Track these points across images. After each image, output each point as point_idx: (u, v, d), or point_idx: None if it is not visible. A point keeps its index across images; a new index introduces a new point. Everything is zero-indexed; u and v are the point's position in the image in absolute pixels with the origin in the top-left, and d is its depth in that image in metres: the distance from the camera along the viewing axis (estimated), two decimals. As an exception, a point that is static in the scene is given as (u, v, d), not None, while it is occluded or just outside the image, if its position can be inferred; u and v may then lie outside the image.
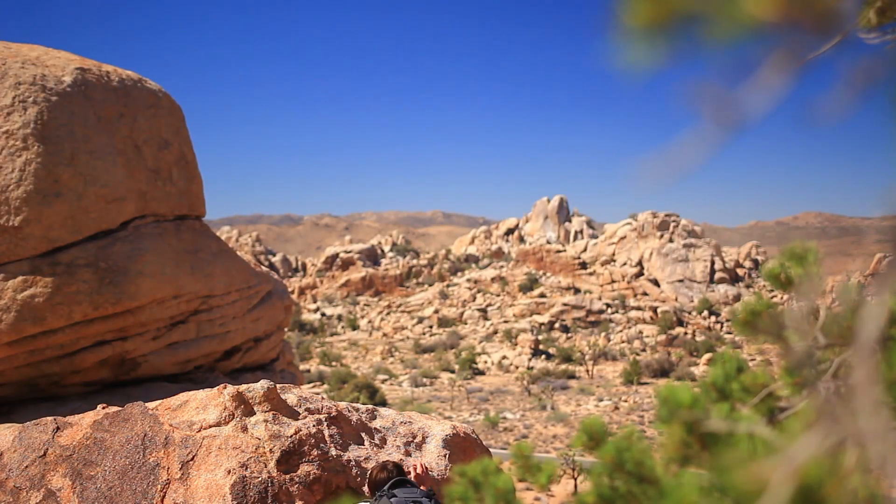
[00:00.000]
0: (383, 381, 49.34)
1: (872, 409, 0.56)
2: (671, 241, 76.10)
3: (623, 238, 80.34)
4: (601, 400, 42.52)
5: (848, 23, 0.57)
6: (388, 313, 78.10)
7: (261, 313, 12.76)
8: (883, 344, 0.82)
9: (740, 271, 77.59)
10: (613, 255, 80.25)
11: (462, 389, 45.34)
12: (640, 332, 63.61)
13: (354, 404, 4.25)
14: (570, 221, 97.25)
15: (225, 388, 3.83)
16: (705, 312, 67.17)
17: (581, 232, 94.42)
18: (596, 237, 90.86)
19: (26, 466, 3.49)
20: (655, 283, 74.55)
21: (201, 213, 12.12)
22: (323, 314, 79.41)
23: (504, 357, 57.63)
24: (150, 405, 3.81)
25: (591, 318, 67.51)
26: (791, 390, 1.08)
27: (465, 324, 71.43)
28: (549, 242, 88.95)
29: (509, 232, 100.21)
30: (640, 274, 76.02)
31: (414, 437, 4.13)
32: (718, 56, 0.54)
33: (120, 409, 3.76)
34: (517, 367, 54.52)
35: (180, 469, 3.40)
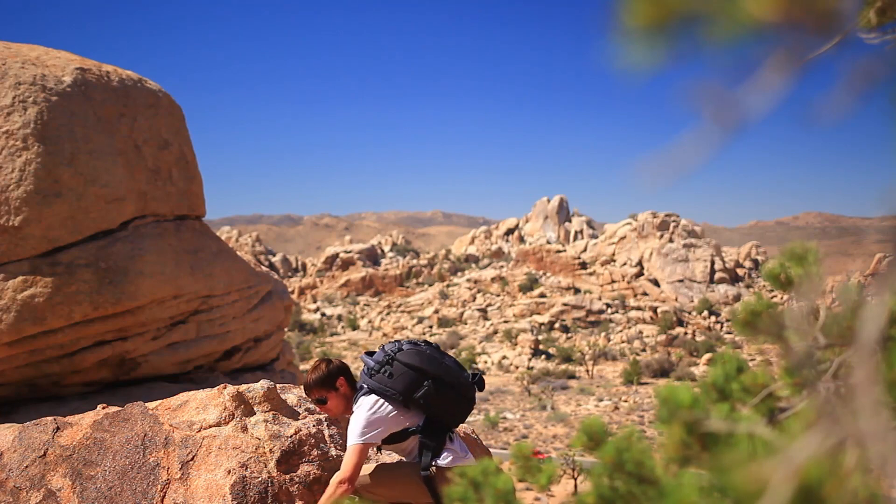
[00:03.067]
0: (383, 381, 49.34)
1: (872, 409, 0.56)
2: (671, 241, 76.12)
3: (623, 238, 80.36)
4: (601, 400, 42.53)
5: (848, 23, 0.57)
6: (388, 313, 78.12)
7: (261, 313, 12.76)
8: (883, 344, 0.82)
9: (740, 271, 77.61)
10: (613, 255, 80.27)
11: (462, 389, 45.28)
12: (640, 332, 63.63)
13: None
14: (570, 221, 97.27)
15: (225, 388, 3.83)
16: (705, 312, 67.19)
17: (581, 232, 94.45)
18: (596, 237, 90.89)
19: (26, 466, 3.49)
20: (655, 283, 74.57)
21: (201, 213, 12.12)
22: (323, 314, 79.42)
23: (504, 357, 57.64)
24: (150, 405, 3.81)
25: (591, 318, 67.52)
26: (791, 390, 1.08)
27: (465, 324, 71.44)
28: (549, 242, 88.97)
29: (509, 232, 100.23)
30: (640, 274, 76.04)
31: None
32: (719, 56, 0.54)
33: (120, 409, 3.76)
34: (517, 367, 54.53)
35: (180, 469, 3.40)
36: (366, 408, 3.08)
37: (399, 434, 3.14)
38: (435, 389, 3.14)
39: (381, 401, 3.11)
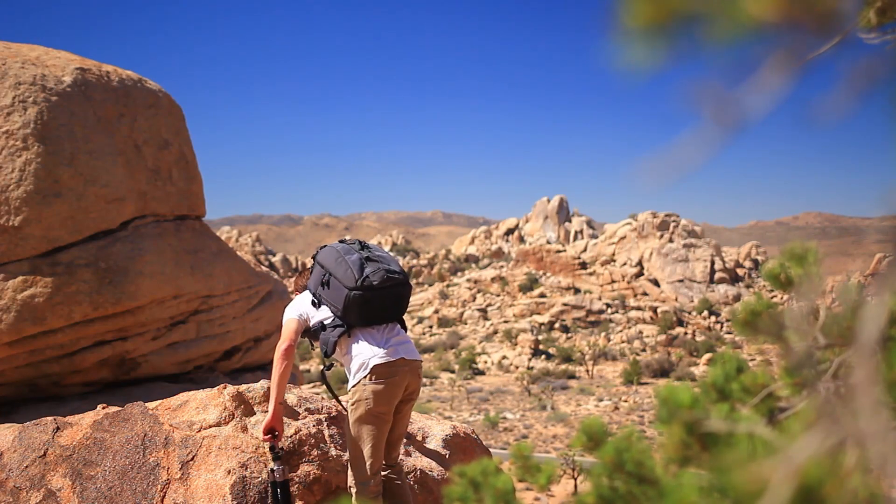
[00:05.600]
0: (383, 381, 49.25)
1: (872, 409, 0.56)
2: (671, 241, 76.11)
3: (623, 238, 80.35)
4: (601, 400, 42.53)
5: (848, 23, 0.57)
6: (388, 313, 77.96)
7: (261, 313, 12.76)
8: (883, 344, 0.81)
9: (740, 271, 77.60)
10: (613, 255, 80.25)
11: (462, 389, 45.34)
12: (640, 332, 63.61)
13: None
14: (570, 221, 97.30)
15: (225, 388, 3.83)
16: (705, 312, 67.16)
17: (581, 232, 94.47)
18: (596, 237, 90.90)
19: (26, 466, 3.49)
20: (655, 283, 74.55)
21: (201, 213, 12.11)
22: (323, 314, 79.31)
23: (504, 357, 57.63)
24: (150, 405, 3.80)
25: (591, 318, 67.50)
26: (791, 390, 1.08)
27: (465, 324, 71.41)
28: (549, 242, 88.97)
29: (509, 232, 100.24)
30: (640, 274, 76.01)
31: (413, 437, 4.13)
32: (718, 56, 0.54)
33: (120, 409, 3.75)
34: (517, 367, 54.53)
35: (180, 469, 3.40)
36: (294, 300, 3.57)
37: (319, 330, 3.40)
38: (327, 285, 3.37)
39: (305, 293, 3.55)
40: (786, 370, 1.08)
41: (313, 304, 3.42)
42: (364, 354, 3.25)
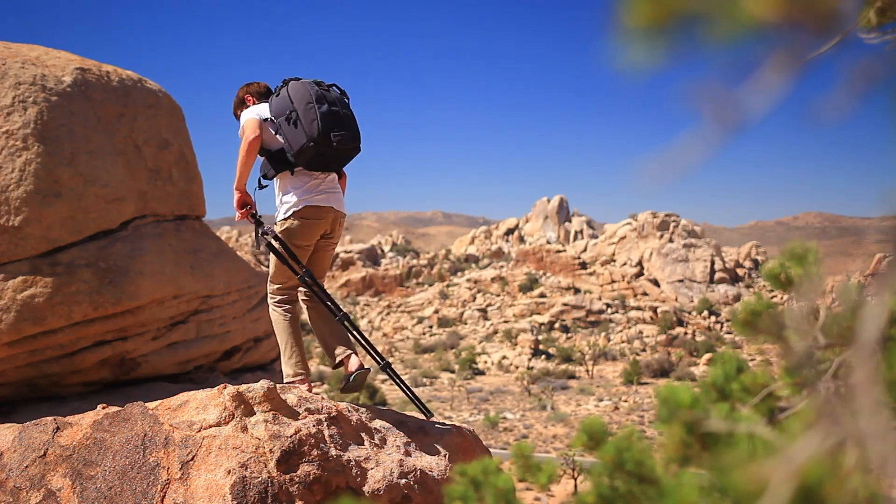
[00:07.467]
0: (383, 381, 49.32)
1: (872, 409, 0.56)
2: (671, 241, 76.13)
3: (623, 238, 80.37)
4: (601, 400, 42.54)
5: (848, 23, 0.57)
6: (388, 313, 78.09)
7: (261, 313, 12.76)
8: (883, 344, 0.81)
9: (740, 271, 77.62)
10: (613, 255, 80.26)
11: (462, 389, 45.36)
12: (640, 332, 63.63)
13: (354, 404, 4.25)
14: (570, 221, 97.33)
15: (225, 388, 3.83)
16: (705, 312, 67.18)
17: (581, 232, 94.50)
18: (596, 237, 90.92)
19: (26, 466, 3.49)
20: (655, 283, 74.56)
21: (201, 213, 12.11)
22: (323, 314, 79.21)
23: (504, 357, 57.65)
24: (150, 405, 3.80)
25: (591, 318, 67.52)
26: (791, 390, 1.08)
27: (465, 324, 71.43)
28: (549, 242, 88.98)
29: (509, 232, 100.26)
30: (640, 274, 76.03)
31: (413, 437, 4.13)
32: (718, 56, 0.54)
33: (120, 409, 3.75)
34: (517, 367, 54.55)
35: (180, 469, 3.40)
36: (250, 108, 3.89)
37: (268, 153, 3.79)
38: (292, 123, 3.70)
39: (263, 107, 3.85)
40: (786, 370, 1.08)
41: (269, 122, 3.71)
42: (298, 194, 3.71)
